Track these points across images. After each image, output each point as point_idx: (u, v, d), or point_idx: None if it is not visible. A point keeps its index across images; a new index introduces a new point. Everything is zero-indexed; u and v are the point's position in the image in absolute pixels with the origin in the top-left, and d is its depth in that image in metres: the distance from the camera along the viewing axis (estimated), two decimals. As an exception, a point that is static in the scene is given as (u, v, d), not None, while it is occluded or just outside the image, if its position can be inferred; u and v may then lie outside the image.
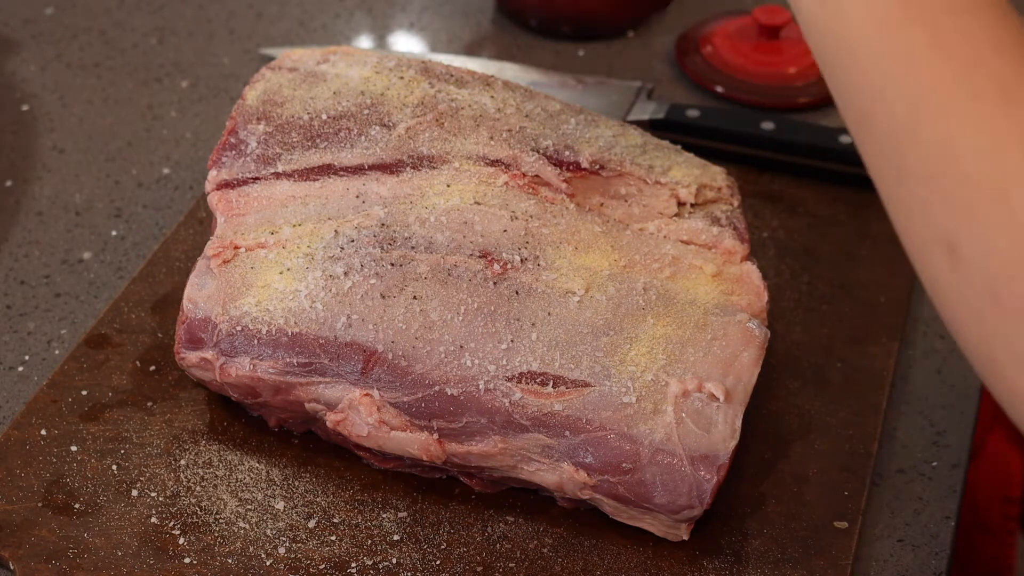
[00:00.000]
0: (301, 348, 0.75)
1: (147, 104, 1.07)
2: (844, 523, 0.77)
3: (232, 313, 0.76)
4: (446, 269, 0.76)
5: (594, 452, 0.73)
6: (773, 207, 0.98)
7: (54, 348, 0.88)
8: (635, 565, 0.75)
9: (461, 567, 0.75)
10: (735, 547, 0.76)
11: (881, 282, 0.92)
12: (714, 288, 0.79)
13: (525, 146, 0.83)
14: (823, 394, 0.85)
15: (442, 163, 0.82)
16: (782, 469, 0.80)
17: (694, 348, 0.75)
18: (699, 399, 0.74)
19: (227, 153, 0.83)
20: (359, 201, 0.81)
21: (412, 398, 0.74)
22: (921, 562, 0.77)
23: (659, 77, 1.11)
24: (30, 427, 0.81)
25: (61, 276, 0.93)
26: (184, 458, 0.80)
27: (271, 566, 0.74)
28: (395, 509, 0.78)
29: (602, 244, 0.79)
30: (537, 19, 1.15)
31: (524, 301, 0.76)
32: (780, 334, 0.88)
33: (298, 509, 0.77)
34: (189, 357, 0.78)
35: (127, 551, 0.75)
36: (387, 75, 0.87)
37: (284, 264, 0.78)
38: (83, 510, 0.77)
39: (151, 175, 1.01)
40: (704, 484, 0.72)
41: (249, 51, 1.13)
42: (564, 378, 0.74)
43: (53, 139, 1.04)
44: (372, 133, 0.84)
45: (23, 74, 1.10)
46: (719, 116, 1.02)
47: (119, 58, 1.12)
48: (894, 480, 0.81)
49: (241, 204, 0.81)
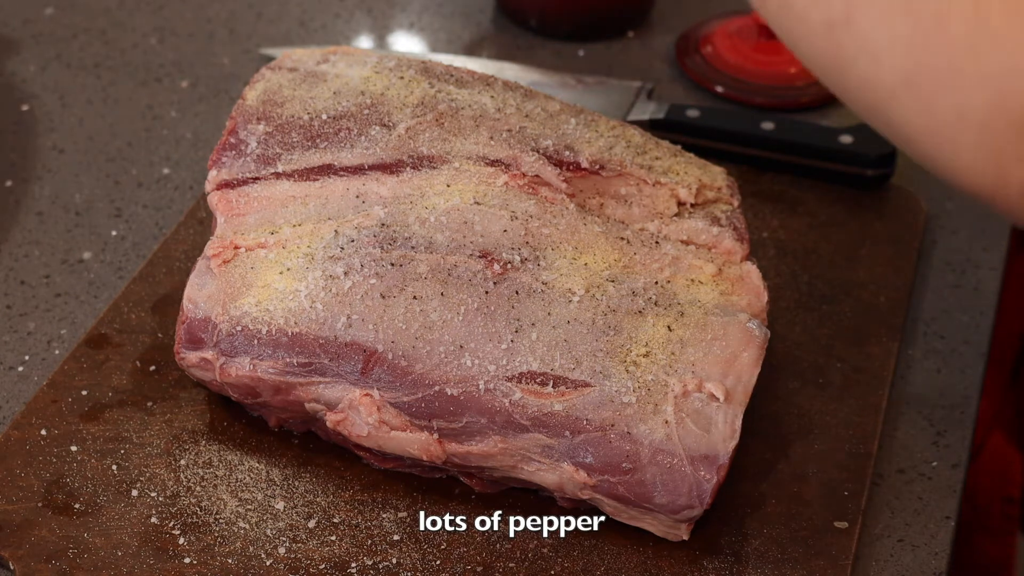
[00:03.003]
0: (301, 348, 0.75)
1: (147, 104, 1.07)
2: (844, 523, 0.77)
3: (232, 313, 0.76)
4: (446, 269, 0.76)
5: (594, 452, 0.73)
6: (773, 207, 0.98)
7: (54, 348, 0.88)
8: (635, 565, 0.75)
9: (461, 567, 0.75)
10: (735, 547, 0.76)
11: (881, 282, 0.92)
12: (714, 288, 0.79)
13: (525, 146, 0.83)
14: (823, 394, 0.85)
15: (442, 163, 0.82)
16: (782, 469, 0.80)
17: (694, 348, 0.75)
18: (699, 399, 0.74)
19: (227, 153, 0.83)
20: (359, 201, 0.81)
21: (412, 398, 0.74)
22: (921, 562, 0.77)
23: (659, 77, 1.11)
24: (30, 427, 0.81)
25: (61, 276, 0.93)
26: (184, 458, 0.80)
27: (271, 566, 0.74)
28: (395, 509, 0.78)
29: (602, 244, 0.79)
30: (537, 19, 1.15)
31: (524, 301, 0.76)
32: (780, 334, 0.88)
33: (298, 509, 0.77)
34: (189, 357, 0.78)
35: (127, 551, 0.75)
36: (387, 75, 0.87)
37: (284, 264, 0.78)
38: (83, 510, 0.77)
39: (151, 175, 1.01)
40: (704, 484, 0.72)
41: (249, 51, 1.13)
42: (564, 378, 0.74)
43: (53, 139, 1.04)
44: (372, 133, 0.84)
45: (23, 74, 1.10)
46: (719, 116, 1.02)
47: (119, 58, 1.12)
48: (894, 480, 0.81)
49: (241, 204, 0.81)
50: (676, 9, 1.18)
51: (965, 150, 0.60)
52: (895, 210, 0.98)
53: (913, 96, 0.61)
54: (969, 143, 0.60)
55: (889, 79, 0.61)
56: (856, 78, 0.63)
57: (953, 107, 0.59)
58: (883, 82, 0.62)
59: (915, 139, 0.62)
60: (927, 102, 0.60)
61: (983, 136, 0.59)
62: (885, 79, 0.61)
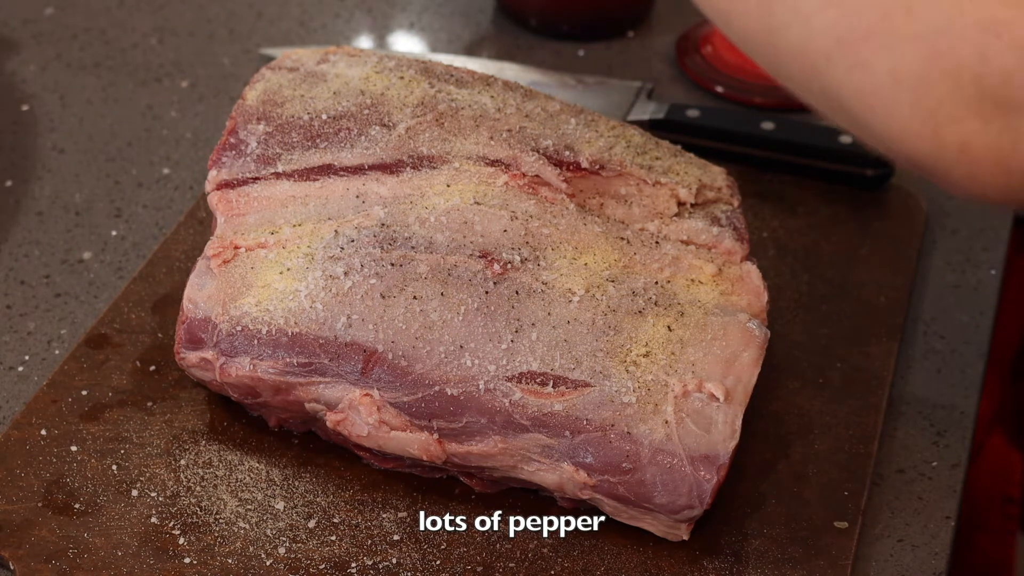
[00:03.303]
0: (301, 348, 0.75)
1: (147, 104, 1.07)
2: (844, 523, 0.77)
3: (232, 313, 0.76)
4: (446, 269, 0.76)
5: (594, 452, 0.73)
6: (773, 207, 0.98)
7: (54, 348, 0.88)
8: (635, 565, 0.75)
9: (461, 567, 0.75)
10: (735, 547, 0.76)
11: (881, 282, 0.92)
12: (714, 288, 0.79)
13: (525, 146, 0.83)
14: (823, 394, 0.85)
15: (442, 163, 0.82)
16: (782, 469, 0.80)
17: (694, 348, 0.75)
18: (699, 399, 0.74)
19: (227, 153, 0.83)
20: (359, 201, 0.81)
21: (412, 398, 0.74)
22: (921, 562, 0.77)
23: (659, 77, 1.11)
24: (30, 427, 0.81)
25: (61, 276, 0.93)
26: (184, 458, 0.80)
27: (271, 566, 0.74)
28: (395, 509, 0.78)
29: (602, 244, 0.79)
30: (537, 19, 1.15)
31: (524, 301, 0.76)
32: (780, 334, 0.88)
33: (298, 509, 0.77)
34: (189, 357, 0.78)
35: (127, 551, 0.75)
36: (387, 75, 0.87)
37: (284, 264, 0.78)
38: (83, 510, 0.77)
39: (151, 175, 1.01)
40: (704, 484, 0.72)
41: (249, 51, 1.13)
42: (564, 378, 0.74)
43: (53, 139, 1.04)
44: (372, 133, 0.84)
45: (23, 74, 1.10)
46: (719, 116, 1.02)
47: (119, 58, 1.12)
48: (894, 480, 0.81)
49: (241, 204, 0.81)
50: (676, 9, 1.18)
51: (900, 112, 0.59)
52: (895, 210, 0.98)
53: (846, 58, 0.60)
54: (904, 103, 0.59)
55: (821, 42, 0.60)
56: (788, 47, 0.62)
57: (887, 67, 0.59)
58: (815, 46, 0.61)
59: (849, 105, 0.61)
60: (860, 63, 0.59)
61: (918, 95, 0.58)
62: (817, 43, 0.61)
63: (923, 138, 0.59)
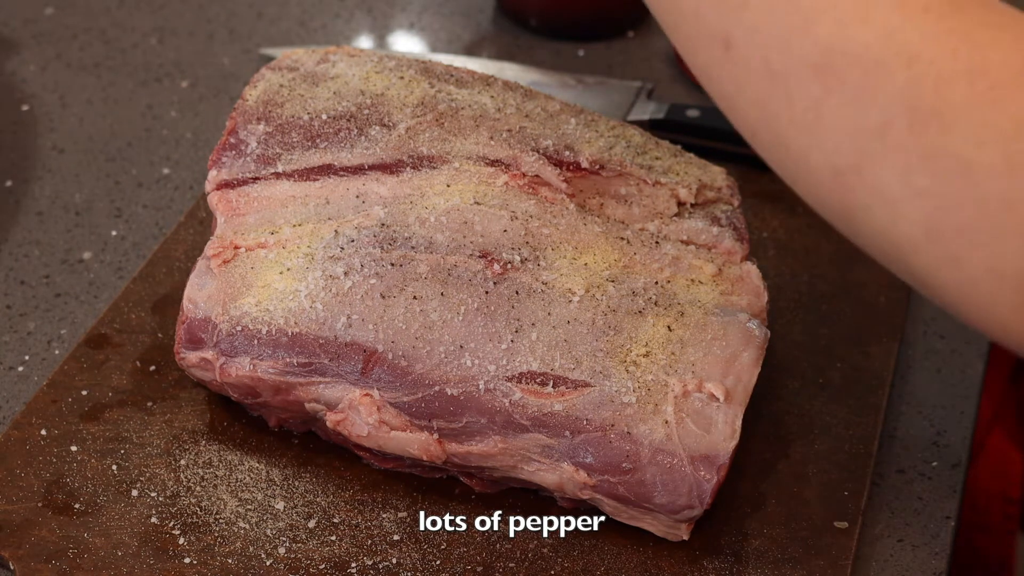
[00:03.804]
0: (301, 348, 0.75)
1: (147, 104, 1.07)
2: (844, 523, 0.77)
3: (232, 313, 0.76)
4: (446, 269, 0.76)
5: (594, 452, 0.73)
6: (773, 207, 0.98)
7: (54, 348, 0.88)
8: (635, 565, 0.75)
9: (461, 567, 0.75)
10: (735, 547, 0.76)
11: (881, 282, 0.92)
12: (714, 288, 0.79)
13: (525, 146, 0.83)
14: (823, 394, 0.85)
15: (442, 163, 0.82)
16: (782, 469, 0.80)
17: (694, 348, 0.75)
18: (699, 399, 0.74)
19: (227, 153, 0.83)
20: (359, 201, 0.81)
21: (412, 398, 0.74)
22: (921, 562, 0.77)
23: (659, 77, 1.11)
24: (30, 427, 0.81)
25: (61, 276, 0.93)
26: (184, 458, 0.80)
27: (271, 566, 0.74)
28: (395, 509, 0.78)
29: (602, 244, 0.79)
30: (537, 19, 1.15)
31: (524, 301, 0.76)
32: (780, 334, 0.88)
33: (298, 509, 0.77)
34: (189, 357, 0.78)
35: (127, 551, 0.75)
36: (387, 75, 0.87)
37: (284, 264, 0.78)
38: (83, 510, 0.77)
39: (151, 175, 1.01)
40: (704, 484, 0.72)
41: (249, 51, 1.13)
42: (564, 378, 0.74)
43: (53, 139, 1.04)
44: (372, 133, 0.84)
45: (23, 74, 1.10)
46: (719, 116, 1.02)
47: (119, 58, 1.12)
48: (894, 480, 0.81)
49: (241, 204, 0.81)
50: (676, 9, 1.18)
51: (1001, 308, 0.55)
52: (895, 210, 0.98)
53: (938, 249, 0.55)
54: (1006, 301, 0.54)
55: (909, 231, 0.56)
56: (870, 227, 0.58)
57: (986, 263, 0.54)
58: (902, 233, 0.56)
59: (941, 293, 0.57)
60: (955, 256, 0.55)
61: (1023, 293, 0.54)
62: (904, 231, 0.56)
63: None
